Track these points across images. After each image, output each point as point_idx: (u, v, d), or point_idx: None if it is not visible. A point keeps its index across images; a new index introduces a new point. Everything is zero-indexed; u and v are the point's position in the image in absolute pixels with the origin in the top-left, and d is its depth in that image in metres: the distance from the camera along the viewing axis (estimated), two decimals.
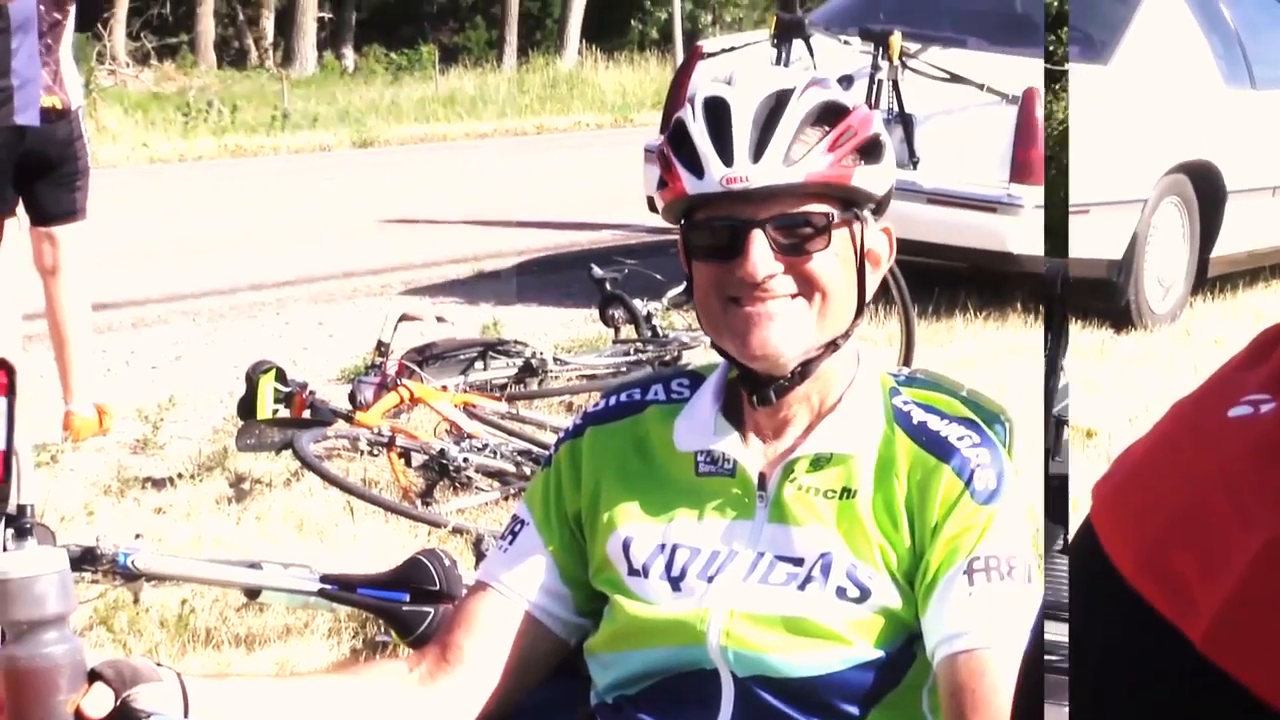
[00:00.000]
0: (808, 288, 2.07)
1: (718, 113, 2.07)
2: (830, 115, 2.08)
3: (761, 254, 2.04)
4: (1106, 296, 8.66)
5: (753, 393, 2.11)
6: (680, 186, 2.08)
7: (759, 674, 2.04)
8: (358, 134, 20.19)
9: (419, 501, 5.49)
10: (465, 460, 5.56)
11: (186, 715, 1.90)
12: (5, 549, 1.85)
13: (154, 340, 8.54)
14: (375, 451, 5.70)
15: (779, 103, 2.06)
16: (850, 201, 2.09)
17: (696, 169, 2.06)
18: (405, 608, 3.80)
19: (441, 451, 5.57)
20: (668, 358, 7.11)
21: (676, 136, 2.10)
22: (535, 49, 33.69)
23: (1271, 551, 1.00)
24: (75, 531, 4.91)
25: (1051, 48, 7.75)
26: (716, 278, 2.08)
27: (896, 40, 8.37)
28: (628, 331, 7.43)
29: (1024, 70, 8.60)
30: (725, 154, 2.04)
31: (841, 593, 2.04)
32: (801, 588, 2.05)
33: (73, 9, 6.41)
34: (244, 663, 4.33)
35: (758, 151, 2.03)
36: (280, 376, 5.93)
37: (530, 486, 2.27)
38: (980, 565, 2.01)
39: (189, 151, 18.45)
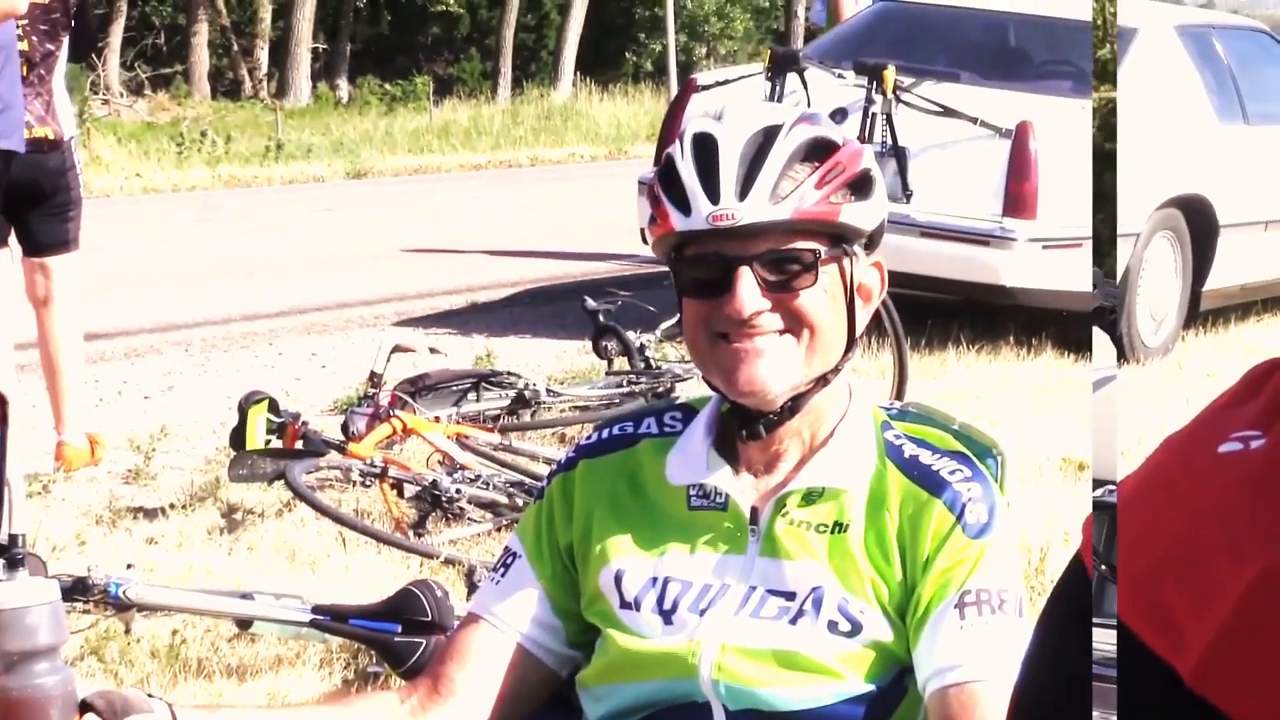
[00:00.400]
0: (795, 324, 2.07)
1: (706, 149, 2.07)
2: (819, 151, 2.08)
3: (749, 291, 2.04)
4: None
5: (742, 427, 2.11)
6: (669, 223, 2.08)
7: (750, 707, 2.04)
8: (352, 165, 20.17)
9: (411, 533, 5.48)
10: (458, 491, 5.56)
11: None
12: None
13: (146, 370, 8.52)
14: (368, 482, 5.69)
15: (767, 139, 2.06)
16: (839, 237, 2.09)
17: (684, 206, 2.06)
18: (397, 639, 3.79)
19: (434, 483, 5.56)
20: (661, 390, 7.10)
21: (666, 173, 2.10)
22: (530, 81, 33.72)
23: (1264, 583, 1.00)
24: (67, 562, 4.89)
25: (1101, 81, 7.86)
26: (705, 314, 2.08)
27: (890, 74, 8.39)
28: (621, 363, 7.42)
29: (1017, 104, 8.63)
30: (712, 191, 2.04)
31: (833, 627, 2.04)
32: (793, 622, 2.05)
33: (66, 39, 6.40)
34: (235, 694, 4.31)
35: (744, 188, 2.03)
36: (273, 407, 5.92)
37: (522, 519, 2.27)
38: (972, 599, 2.01)
39: (182, 182, 18.43)
